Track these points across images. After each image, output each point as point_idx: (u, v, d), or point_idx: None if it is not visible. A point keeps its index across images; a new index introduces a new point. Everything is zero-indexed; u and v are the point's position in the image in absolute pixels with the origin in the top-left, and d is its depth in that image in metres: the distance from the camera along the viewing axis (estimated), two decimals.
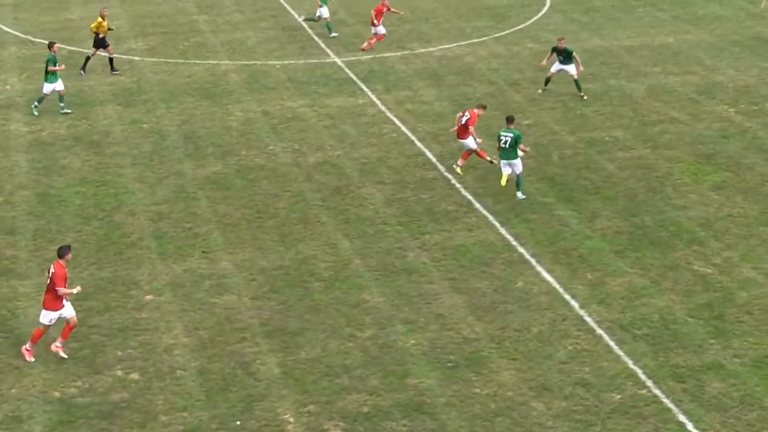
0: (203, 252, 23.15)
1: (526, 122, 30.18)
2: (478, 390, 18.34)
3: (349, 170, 27.42)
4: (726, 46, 37.53)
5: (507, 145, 25.35)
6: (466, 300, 21.21)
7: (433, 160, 28.00)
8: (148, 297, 21.26)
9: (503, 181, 25.54)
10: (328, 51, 37.16)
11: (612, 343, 19.67)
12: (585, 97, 32.03)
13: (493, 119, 30.49)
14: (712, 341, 19.69)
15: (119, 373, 18.84)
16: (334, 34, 38.39)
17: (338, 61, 36.15)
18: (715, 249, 23.14)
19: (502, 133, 25.57)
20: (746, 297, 21.18)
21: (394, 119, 30.90)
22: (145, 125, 30.63)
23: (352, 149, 28.75)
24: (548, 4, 43.25)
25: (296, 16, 38.50)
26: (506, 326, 20.27)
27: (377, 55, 36.59)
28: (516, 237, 23.77)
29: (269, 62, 36.18)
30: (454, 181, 26.68)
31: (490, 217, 24.72)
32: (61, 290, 18.73)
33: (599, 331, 20.06)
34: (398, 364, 19.11)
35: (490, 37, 38.76)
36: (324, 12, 38.41)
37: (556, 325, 20.31)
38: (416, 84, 33.88)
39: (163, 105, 32.18)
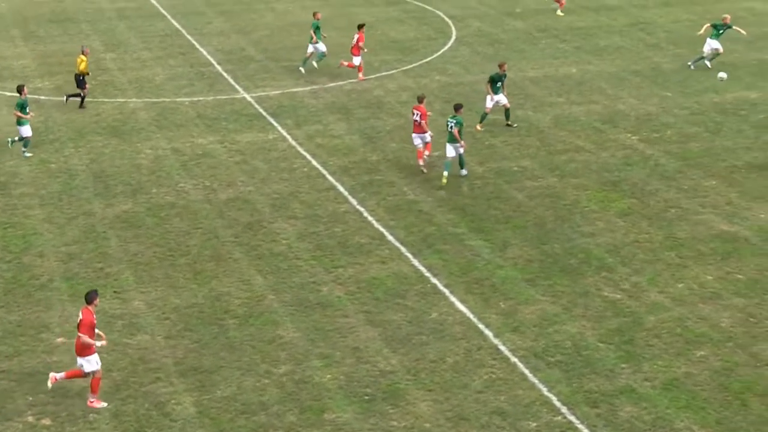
0: (115, 292, 22.87)
1: (437, 153, 30.52)
2: (395, 422, 18.41)
3: (260, 206, 27.39)
4: (627, 76, 38.51)
5: (452, 130, 28.48)
6: (381, 332, 21.31)
7: (345, 193, 28.13)
8: (60, 340, 20.89)
9: (443, 181, 28.53)
10: (237, 87, 37.15)
11: (526, 371, 19.93)
12: (515, 125, 32.85)
13: (402, 152, 30.87)
14: (623, 366, 20.09)
15: (30, 419, 18.47)
16: (311, 66, 38.60)
17: (248, 96, 36.16)
18: (623, 274, 23.66)
19: (449, 120, 28.91)
20: (654, 321, 21.67)
21: (305, 154, 30.99)
22: (53, 165, 30.20)
23: (263, 185, 28.74)
24: (454, 36, 43.89)
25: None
26: (422, 357, 20.41)
27: (286, 90, 36.69)
28: (429, 268, 23.99)
29: (178, 99, 36.02)
30: (366, 214, 26.84)
31: (403, 249, 24.91)
32: (85, 339, 18.34)
33: (513, 360, 20.32)
34: (315, 399, 19.09)
35: (398, 70, 39.17)
36: (320, 47, 38.34)
37: (471, 354, 20.52)
38: (326, 118, 34.05)
39: (71, 144, 31.78)
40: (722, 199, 27.65)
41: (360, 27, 37.46)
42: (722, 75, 34.04)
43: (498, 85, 32.27)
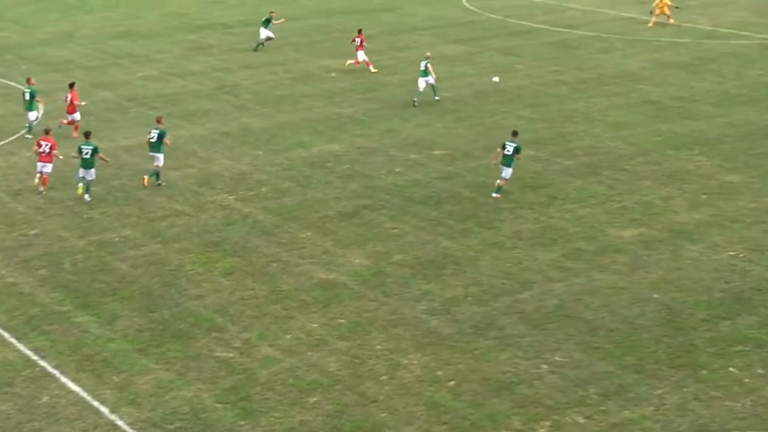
0: None
1: (33, 232, 29.66)
2: None
3: None
4: (218, 137, 39.51)
5: (87, 156, 32.14)
6: None
7: None
8: None
9: (79, 191, 32.44)
10: None
11: None
12: (163, 184, 33.89)
13: (2, 234, 29.77)
14: (241, 423, 20.58)
15: None
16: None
17: None
18: (233, 333, 24.23)
19: (81, 146, 32.35)
20: (267, 374, 22.40)
21: None
22: None
23: None
24: (42, 111, 42.69)
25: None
26: None
27: None
28: (36, 351, 23.22)
29: None
30: None
31: (6, 335, 23.93)
32: None
33: None
34: None
35: None
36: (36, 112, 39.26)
37: None
38: None
39: None
40: (319, 248, 29.13)
41: (71, 86, 39.49)
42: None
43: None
